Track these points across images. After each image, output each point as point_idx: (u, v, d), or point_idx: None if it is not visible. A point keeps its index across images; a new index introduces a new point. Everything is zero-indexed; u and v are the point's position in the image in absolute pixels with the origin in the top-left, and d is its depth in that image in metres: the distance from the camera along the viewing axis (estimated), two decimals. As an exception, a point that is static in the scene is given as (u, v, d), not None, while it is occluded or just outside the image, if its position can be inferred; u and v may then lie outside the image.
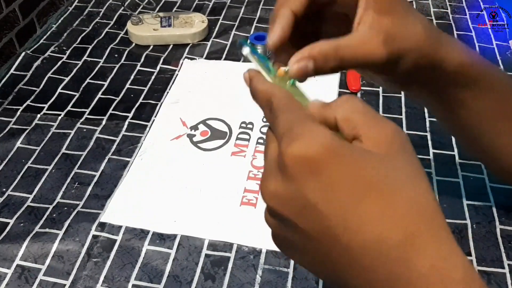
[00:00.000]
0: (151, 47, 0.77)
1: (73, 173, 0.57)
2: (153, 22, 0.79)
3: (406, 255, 0.23)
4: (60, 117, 0.65)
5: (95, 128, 0.63)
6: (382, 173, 0.24)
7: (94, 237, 0.50)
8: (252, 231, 0.51)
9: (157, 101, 0.67)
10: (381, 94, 0.68)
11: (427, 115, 0.65)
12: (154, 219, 0.52)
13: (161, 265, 0.48)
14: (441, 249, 0.24)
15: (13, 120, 0.65)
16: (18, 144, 0.61)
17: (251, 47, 0.32)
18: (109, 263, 0.48)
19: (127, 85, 0.70)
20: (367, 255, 0.24)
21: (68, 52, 0.77)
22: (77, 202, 0.54)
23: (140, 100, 0.68)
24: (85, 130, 0.63)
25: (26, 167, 0.58)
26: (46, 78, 0.72)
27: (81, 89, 0.70)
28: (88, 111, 0.66)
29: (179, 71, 0.73)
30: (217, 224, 0.51)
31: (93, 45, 0.78)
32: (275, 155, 0.26)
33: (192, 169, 0.58)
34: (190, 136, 0.62)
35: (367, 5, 0.33)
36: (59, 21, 0.84)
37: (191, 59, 0.75)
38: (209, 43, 0.78)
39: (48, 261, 0.48)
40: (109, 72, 0.73)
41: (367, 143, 0.26)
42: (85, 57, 0.76)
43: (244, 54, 0.32)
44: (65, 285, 0.46)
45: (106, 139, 0.62)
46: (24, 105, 0.67)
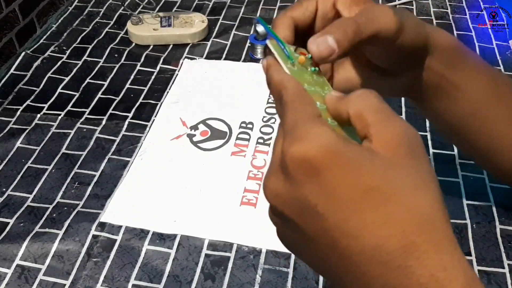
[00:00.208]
0: (151, 47, 0.77)
1: (73, 173, 0.57)
2: (153, 22, 0.79)
3: (405, 263, 0.23)
4: (60, 117, 0.65)
5: (95, 128, 0.63)
6: (384, 179, 0.24)
7: (94, 237, 0.50)
8: (252, 231, 0.51)
9: (157, 101, 0.67)
10: (381, 94, 0.68)
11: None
12: (154, 219, 0.52)
13: (161, 265, 0.48)
14: (441, 259, 0.23)
15: (13, 120, 0.65)
16: (18, 144, 0.61)
17: (269, 29, 0.31)
18: (109, 263, 0.48)
19: (127, 85, 0.70)
20: (365, 261, 0.24)
21: (68, 52, 0.77)
22: (77, 202, 0.54)
23: (140, 100, 0.68)
24: (85, 130, 0.63)
25: (26, 167, 0.58)
26: (46, 78, 0.72)
27: (81, 89, 0.70)
28: (88, 111, 0.66)
29: (179, 71, 0.73)
30: (217, 224, 0.51)
31: (93, 45, 0.78)
32: (280, 153, 0.26)
33: (192, 169, 0.58)
34: (190, 136, 0.62)
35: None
36: (59, 21, 0.84)
37: (191, 59, 0.75)
38: (209, 43, 0.78)
39: (48, 261, 0.48)
40: (109, 72, 0.73)
41: (376, 144, 0.25)
42: (85, 57, 0.76)
43: (267, 41, 0.31)
44: (65, 285, 0.46)
45: (106, 139, 0.62)
46: (24, 105, 0.67)
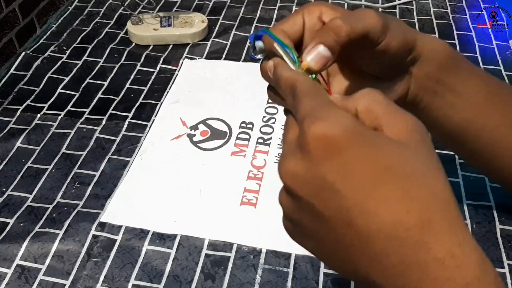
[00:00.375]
0: (151, 47, 0.77)
1: (73, 173, 0.57)
2: (153, 22, 0.79)
3: (422, 239, 0.24)
4: (60, 117, 0.65)
5: (95, 128, 0.63)
6: (402, 159, 0.25)
7: (94, 237, 0.50)
8: (252, 231, 0.51)
9: (157, 101, 0.67)
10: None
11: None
12: (154, 219, 0.52)
13: (161, 265, 0.48)
14: (457, 236, 0.24)
15: (13, 120, 0.65)
16: (18, 144, 0.61)
17: (275, 36, 0.33)
18: (109, 263, 0.48)
19: (127, 85, 0.70)
20: (383, 238, 0.24)
21: (68, 52, 0.77)
22: (77, 202, 0.54)
23: (140, 100, 0.68)
24: (85, 130, 0.63)
25: (26, 167, 0.58)
26: (46, 78, 0.72)
27: (81, 89, 0.70)
28: (88, 111, 0.66)
29: (179, 71, 0.73)
30: (217, 224, 0.51)
31: (93, 45, 0.78)
32: (295, 137, 0.27)
33: (192, 169, 0.58)
34: (190, 136, 0.62)
35: None
36: (59, 21, 0.84)
37: (191, 59, 0.75)
38: (209, 43, 0.78)
39: (48, 261, 0.48)
40: (109, 72, 0.73)
41: (388, 133, 0.26)
42: (85, 57, 0.76)
43: (261, 50, 0.34)
44: (65, 285, 0.46)
45: (106, 139, 0.62)
46: (24, 105, 0.67)
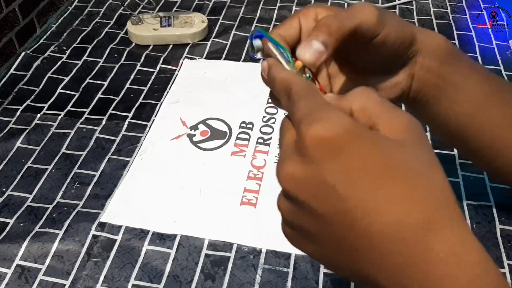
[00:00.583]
0: (151, 47, 0.77)
1: (73, 173, 0.57)
2: (153, 22, 0.79)
3: (424, 238, 0.24)
4: (60, 117, 0.65)
5: (95, 128, 0.63)
6: (401, 158, 0.25)
7: (94, 237, 0.50)
8: (252, 231, 0.51)
9: (157, 101, 0.67)
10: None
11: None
12: (154, 219, 0.52)
13: (161, 265, 0.48)
14: (458, 233, 0.24)
15: (13, 120, 0.65)
16: (18, 144, 0.61)
17: (269, 36, 0.33)
18: (109, 263, 0.48)
19: (127, 85, 0.70)
20: (386, 238, 0.24)
21: (68, 52, 0.77)
22: (77, 202, 0.54)
23: (140, 100, 0.68)
24: (85, 130, 0.63)
25: (26, 167, 0.58)
26: (46, 78, 0.72)
27: (81, 89, 0.70)
28: (88, 111, 0.66)
29: (179, 71, 0.73)
30: (217, 224, 0.51)
31: (93, 45, 0.78)
32: (293, 140, 0.27)
33: (192, 169, 0.58)
34: (190, 136, 0.62)
35: None
36: (59, 21, 0.84)
37: (191, 59, 0.75)
38: (209, 43, 0.78)
39: (48, 261, 0.48)
40: (109, 72, 0.73)
41: (384, 132, 0.26)
42: (85, 57, 0.76)
43: (259, 49, 0.33)
44: (65, 285, 0.46)
45: (106, 139, 0.62)
46: (24, 105, 0.67)
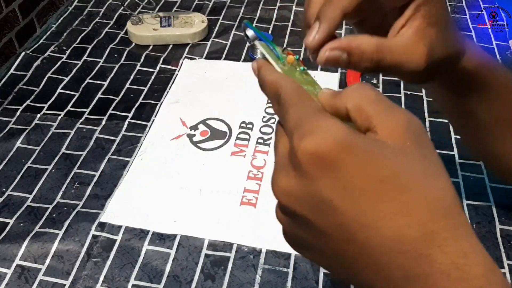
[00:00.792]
0: (151, 47, 0.77)
1: (73, 173, 0.57)
2: (153, 22, 0.79)
3: (426, 252, 0.23)
4: (60, 117, 0.65)
5: (95, 128, 0.63)
6: (398, 167, 0.24)
7: (94, 237, 0.50)
8: (252, 231, 0.51)
9: (157, 101, 0.67)
10: (381, 94, 0.68)
11: (426, 115, 0.65)
12: (154, 219, 0.52)
13: (161, 265, 0.48)
14: (461, 245, 0.23)
15: (13, 120, 0.65)
16: (18, 144, 0.61)
17: (257, 31, 0.31)
18: (109, 263, 0.48)
19: (127, 85, 0.70)
20: (385, 252, 0.23)
21: (68, 52, 0.77)
22: (77, 202, 0.54)
23: (140, 100, 0.68)
24: (85, 130, 0.63)
25: (26, 167, 0.58)
26: (46, 78, 0.72)
27: (81, 89, 0.70)
28: (88, 111, 0.66)
29: (179, 71, 0.73)
30: (217, 224, 0.51)
31: (93, 45, 0.78)
32: (286, 151, 0.26)
33: (192, 169, 0.58)
34: (190, 136, 0.62)
35: (418, 9, 0.32)
36: (59, 21, 0.84)
37: (191, 59, 0.75)
38: (209, 43, 0.78)
39: (48, 261, 0.48)
40: (109, 72, 0.73)
41: (381, 134, 0.25)
42: (85, 57, 0.76)
43: (256, 42, 0.31)
44: (65, 285, 0.46)
45: (106, 139, 0.62)
46: (24, 105, 0.67)
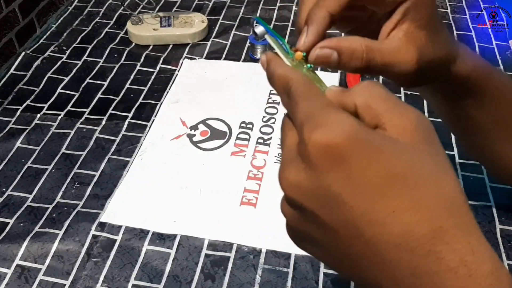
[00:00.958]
0: (151, 47, 0.77)
1: (73, 173, 0.57)
2: (153, 22, 0.79)
3: (434, 248, 0.23)
4: (60, 117, 0.65)
5: (95, 128, 0.63)
6: (408, 164, 0.24)
7: (94, 237, 0.50)
8: (252, 231, 0.51)
9: (157, 101, 0.67)
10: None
11: (426, 115, 0.65)
12: (154, 219, 0.52)
13: (161, 265, 0.48)
14: (469, 242, 0.23)
15: (13, 120, 0.65)
16: (18, 144, 0.61)
17: (267, 27, 0.31)
18: (109, 263, 0.48)
19: (127, 85, 0.70)
20: (392, 249, 0.23)
21: (68, 52, 0.77)
22: (77, 202, 0.54)
23: (140, 100, 0.68)
24: (85, 130, 0.63)
25: (26, 167, 0.58)
26: (46, 78, 0.72)
27: (81, 89, 0.70)
28: (88, 111, 0.66)
29: (179, 71, 0.73)
30: (217, 224, 0.51)
31: (93, 45, 0.78)
32: (295, 143, 0.25)
33: (192, 169, 0.58)
34: (190, 136, 0.62)
35: (406, 13, 0.32)
36: (59, 21, 0.84)
37: (191, 59, 0.75)
38: (209, 43, 0.78)
39: (48, 261, 0.48)
40: (109, 72, 0.73)
41: (391, 132, 0.25)
42: (85, 57, 0.76)
43: (266, 36, 0.31)
44: (65, 285, 0.46)
45: (106, 139, 0.62)
46: (24, 105, 0.67)
